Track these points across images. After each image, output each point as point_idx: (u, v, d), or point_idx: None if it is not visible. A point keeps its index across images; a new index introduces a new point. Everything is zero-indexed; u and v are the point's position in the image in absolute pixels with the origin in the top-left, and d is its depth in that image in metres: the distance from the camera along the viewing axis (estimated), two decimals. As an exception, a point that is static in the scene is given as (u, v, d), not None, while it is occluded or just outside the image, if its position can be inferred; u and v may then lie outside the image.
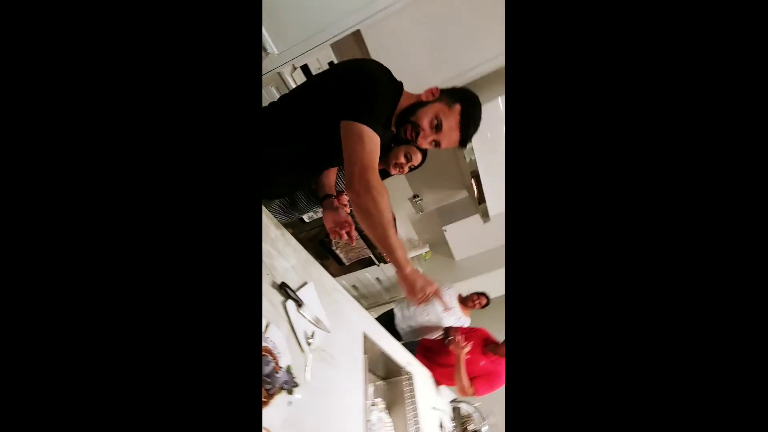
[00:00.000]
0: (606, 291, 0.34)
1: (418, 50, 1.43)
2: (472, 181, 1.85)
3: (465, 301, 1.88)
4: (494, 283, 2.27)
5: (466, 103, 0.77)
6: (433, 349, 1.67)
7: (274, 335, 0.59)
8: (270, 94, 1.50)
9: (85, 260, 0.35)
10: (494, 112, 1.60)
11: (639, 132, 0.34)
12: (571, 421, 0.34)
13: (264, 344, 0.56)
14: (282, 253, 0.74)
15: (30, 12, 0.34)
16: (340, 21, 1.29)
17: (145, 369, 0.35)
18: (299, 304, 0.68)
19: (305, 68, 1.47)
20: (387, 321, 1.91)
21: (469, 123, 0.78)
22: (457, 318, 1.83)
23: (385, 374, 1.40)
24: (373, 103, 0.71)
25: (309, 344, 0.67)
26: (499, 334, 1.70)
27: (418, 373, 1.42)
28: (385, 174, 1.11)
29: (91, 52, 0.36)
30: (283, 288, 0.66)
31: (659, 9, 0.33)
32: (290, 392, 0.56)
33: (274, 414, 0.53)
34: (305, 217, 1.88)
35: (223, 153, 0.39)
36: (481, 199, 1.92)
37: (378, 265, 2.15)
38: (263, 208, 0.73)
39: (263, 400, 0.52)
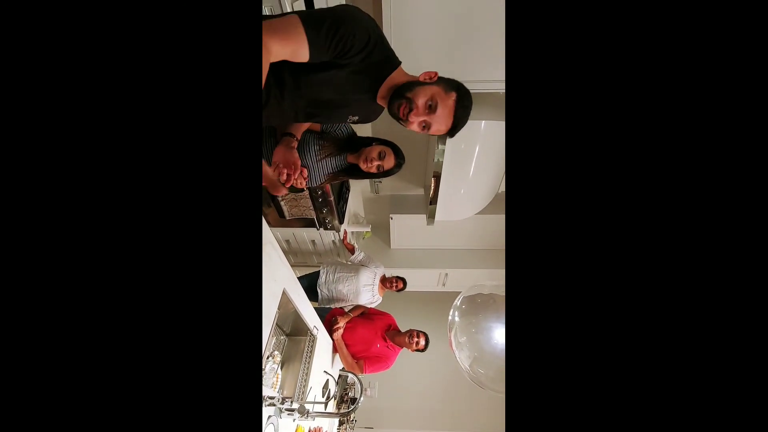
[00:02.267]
0: (604, 292, 0.36)
1: (431, 34, 1.40)
2: (432, 181, 1.93)
3: (384, 282, 1.98)
4: (414, 279, 2.44)
5: (461, 94, 0.77)
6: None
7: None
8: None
9: (80, 259, 0.34)
10: (475, 130, 1.67)
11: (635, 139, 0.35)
12: (570, 422, 0.35)
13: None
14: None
15: (31, 15, 0.33)
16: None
17: (139, 364, 0.34)
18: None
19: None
20: (312, 281, 1.94)
21: (462, 113, 0.76)
22: (372, 295, 1.94)
23: (291, 332, 1.45)
24: (340, 35, 0.66)
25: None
26: (402, 324, 1.86)
27: (321, 338, 1.50)
28: (357, 170, 1.10)
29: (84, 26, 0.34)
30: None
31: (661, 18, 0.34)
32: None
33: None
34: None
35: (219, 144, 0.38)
36: (434, 200, 2.02)
37: (317, 229, 2.15)
38: None
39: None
